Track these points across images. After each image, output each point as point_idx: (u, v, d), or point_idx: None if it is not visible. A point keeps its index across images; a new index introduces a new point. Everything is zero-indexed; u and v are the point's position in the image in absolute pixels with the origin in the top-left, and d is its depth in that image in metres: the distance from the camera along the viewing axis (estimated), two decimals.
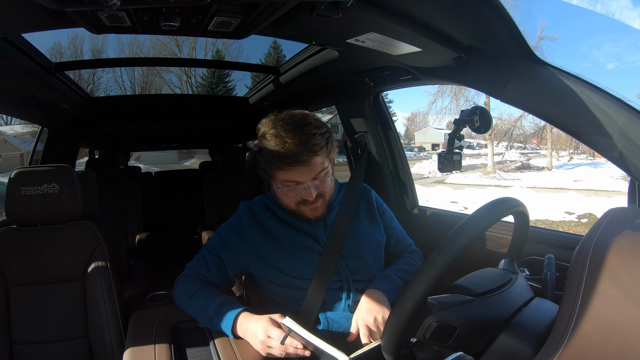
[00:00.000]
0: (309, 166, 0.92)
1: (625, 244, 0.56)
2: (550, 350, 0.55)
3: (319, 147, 0.91)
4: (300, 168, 0.91)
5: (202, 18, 0.85)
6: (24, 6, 0.75)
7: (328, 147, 0.95)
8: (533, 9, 19.47)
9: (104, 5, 0.59)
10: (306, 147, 0.89)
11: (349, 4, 0.75)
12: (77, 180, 1.34)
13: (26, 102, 1.59)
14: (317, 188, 0.95)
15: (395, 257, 1.13)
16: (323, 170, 0.95)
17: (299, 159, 0.90)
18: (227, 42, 16.61)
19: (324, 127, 0.95)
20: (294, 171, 0.92)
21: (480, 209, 0.68)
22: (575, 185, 11.02)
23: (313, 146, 0.90)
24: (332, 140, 0.97)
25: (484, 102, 14.14)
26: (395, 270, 1.04)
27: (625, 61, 31.97)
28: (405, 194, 1.69)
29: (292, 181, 0.94)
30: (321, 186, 0.96)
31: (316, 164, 0.93)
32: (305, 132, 0.90)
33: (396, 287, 0.97)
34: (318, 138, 0.92)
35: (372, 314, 0.89)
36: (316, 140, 0.91)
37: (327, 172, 0.97)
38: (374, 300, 0.91)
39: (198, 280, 1.02)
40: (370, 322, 0.89)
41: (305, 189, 0.94)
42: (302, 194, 0.95)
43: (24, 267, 1.28)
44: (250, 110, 2.44)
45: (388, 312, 0.88)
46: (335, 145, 0.99)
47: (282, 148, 0.89)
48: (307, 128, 0.91)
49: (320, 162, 0.94)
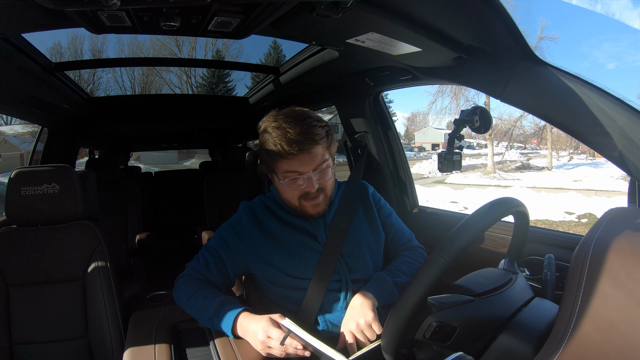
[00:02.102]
0: (310, 155, 0.94)
1: (625, 244, 0.56)
2: (550, 350, 0.55)
3: (319, 137, 0.94)
4: (302, 156, 0.93)
5: (202, 18, 0.85)
6: (24, 6, 0.75)
7: (328, 139, 0.97)
8: (533, 9, 19.49)
9: (104, 5, 0.59)
10: (307, 136, 0.92)
11: (349, 4, 0.75)
12: (77, 180, 1.34)
13: (26, 102, 1.59)
14: (319, 180, 0.97)
15: (393, 253, 1.13)
16: (324, 161, 0.97)
17: (300, 147, 0.92)
18: (227, 42, 16.64)
19: (323, 121, 0.98)
20: (295, 160, 0.93)
21: (480, 209, 0.68)
22: (575, 185, 11.02)
23: (314, 135, 0.93)
24: (332, 135, 1.00)
25: (484, 102, 14.15)
26: (389, 270, 1.03)
27: (625, 61, 32.01)
28: (405, 194, 1.69)
29: (294, 171, 0.95)
30: (322, 178, 0.97)
31: (317, 153, 0.95)
32: (306, 124, 0.93)
33: (385, 290, 0.96)
34: (319, 129, 0.94)
35: (354, 319, 0.89)
36: (317, 130, 0.94)
37: (328, 164, 0.98)
38: (357, 305, 0.91)
39: (198, 280, 1.02)
40: (353, 328, 0.88)
41: (307, 179, 0.95)
42: (304, 185, 0.96)
43: (24, 267, 1.28)
44: (250, 110, 2.44)
45: (371, 315, 0.88)
46: (335, 140, 1.01)
47: (284, 137, 0.92)
48: (307, 120, 0.94)
49: (321, 152, 0.96)
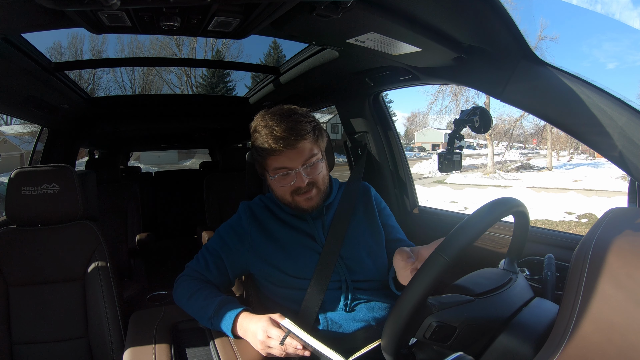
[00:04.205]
0: (297, 150, 0.95)
1: (625, 244, 0.56)
2: (550, 350, 0.55)
3: (305, 132, 0.95)
4: (288, 152, 0.94)
5: (202, 18, 0.85)
6: (24, 6, 0.75)
7: (315, 134, 0.98)
8: (533, 9, 19.49)
9: (104, 5, 0.59)
10: (293, 132, 0.93)
11: (349, 4, 0.75)
12: (77, 180, 1.34)
13: (26, 102, 1.59)
14: (309, 175, 0.97)
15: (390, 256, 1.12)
16: (312, 156, 0.97)
17: (286, 143, 0.93)
18: (227, 42, 16.66)
19: (310, 117, 0.99)
20: (283, 156, 0.95)
21: (480, 209, 0.68)
22: (575, 185, 11.02)
23: (299, 131, 0.94)
24: (320, 129, 1.01)
25: (484, 102, 14.15)
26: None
27: (625, 61, 31.95)
28: (405, 194, 1.69)
29: (282, 167, 0.97)
30: (312, 172, 0.98)
31: (304, 148, 0.96)
32: (292, 120, 0.95)
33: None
34: (305, 125, 0.95)
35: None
36: (302, 126, 0.95)
37: (317, 157, 0.99)
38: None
39: (198, 280, 1.02)
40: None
41: (297, 174, 0.96)
42: (294, 181, 0.97)
43: (24, 267, 1.28)
44: (250, 110, 2.44)
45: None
46: (324, 135, 1.02)
47: (271, 135, 0.93)
48: (293, 117, 0.95)
49: (309, 147, 0.97)
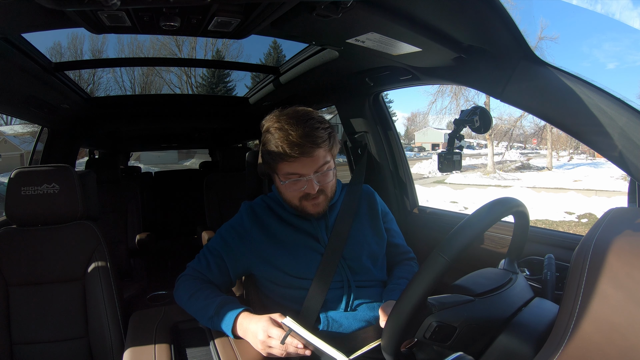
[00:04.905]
0: (312, 158, 0.93)
1: (625, 244, 0.56)
2: (550, 350, 0.55)
3: (321, 140, 0.93)
4: (303, 159, 0.93)
5: (202, 18, 0.85)
6: (24, 6, 0.75)
7: (330, 141, 0.97)
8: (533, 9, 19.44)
9: (104, 5, 0.59)
10: (309, 139, 0.91)
11: (349, 4, 0.75)
12: (77, 180, 1.34)
13: (26, 102, 1.59)
14: (320, 182, 0.97)
15: (392, 260, 1.13)
16: (325, 164, 0.97)
17: (302, 151, 0.91)
18: (227, 42, 16.61)
19: (326, 123, 0.98)
20: (297, 163, 0.94)
21: (480, 209, 0.68)
22: (575, 185, 11.02)
23: (316, 138, 0.92)
24: (335, 136, 0.99)
25: (484, 102, 14.14)
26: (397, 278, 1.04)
27: (625, 61, 31.95)
28: (405, 194, 1.69)
29: (295, 173, 0.96)
30: (323, 180, 0.98)
31: (319, 156, 0.94)
32: (308, 126, 0.93)
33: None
34: (321, 132, 0.94)
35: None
36: (319, 133, 0.93)
37: (329, 166, 0.98)
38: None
39: (199, 280, 1.02)
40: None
41: (308, 181, 0.95)
42: (305, 187, 0.96)
43: (24, 267, 1.28)
44: (250, 110, 2.44)
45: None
46: (337, 142, 1.01)
47: (286, 140, 0.91)
48: (310, 122, 0.94)
49: (323, 155, 0.96)
